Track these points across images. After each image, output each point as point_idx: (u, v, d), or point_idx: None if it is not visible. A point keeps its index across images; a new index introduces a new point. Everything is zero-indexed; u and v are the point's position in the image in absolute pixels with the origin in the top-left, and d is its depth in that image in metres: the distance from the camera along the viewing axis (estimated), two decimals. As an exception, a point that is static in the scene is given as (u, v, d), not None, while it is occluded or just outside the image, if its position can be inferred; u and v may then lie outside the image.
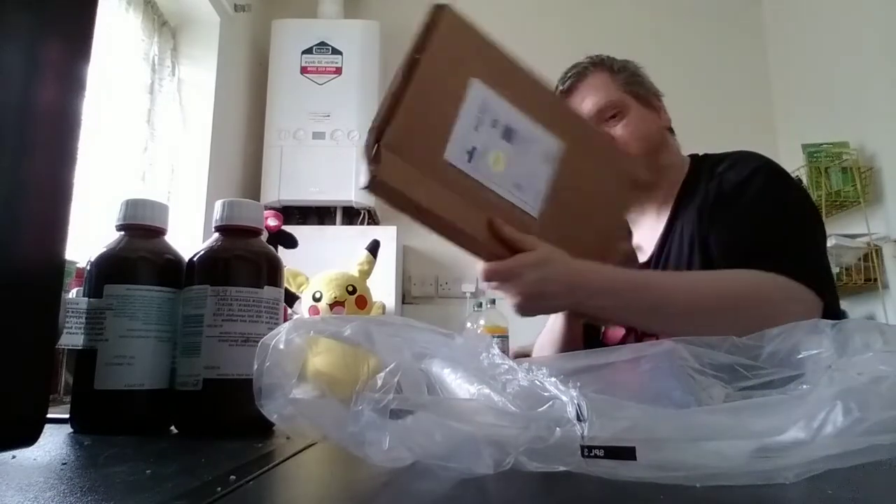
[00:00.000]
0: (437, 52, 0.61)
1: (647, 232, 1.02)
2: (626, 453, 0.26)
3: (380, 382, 0.30)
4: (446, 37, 0.62)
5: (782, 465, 0.26)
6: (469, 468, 0.27)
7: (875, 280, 2.12)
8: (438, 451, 0.28)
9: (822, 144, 2.26)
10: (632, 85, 1.00)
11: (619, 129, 0.96)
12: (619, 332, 0.96)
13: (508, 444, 0.27)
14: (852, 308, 2.18)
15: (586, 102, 0.98)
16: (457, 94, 0.63)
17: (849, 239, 2.14)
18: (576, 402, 0.28)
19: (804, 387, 0.33)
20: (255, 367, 0.32)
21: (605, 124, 0.97)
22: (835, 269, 2.15)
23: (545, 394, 0.31)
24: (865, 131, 2.26)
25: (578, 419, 0.27)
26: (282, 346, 0.32)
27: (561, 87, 1.01)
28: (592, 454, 0.26)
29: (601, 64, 1.02)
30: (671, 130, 1.04)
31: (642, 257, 1.00)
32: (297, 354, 0.33)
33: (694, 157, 1.03)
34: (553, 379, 0.32)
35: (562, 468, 0.27)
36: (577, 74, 1.01)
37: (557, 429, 0.26)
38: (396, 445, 0.29)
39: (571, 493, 0.28)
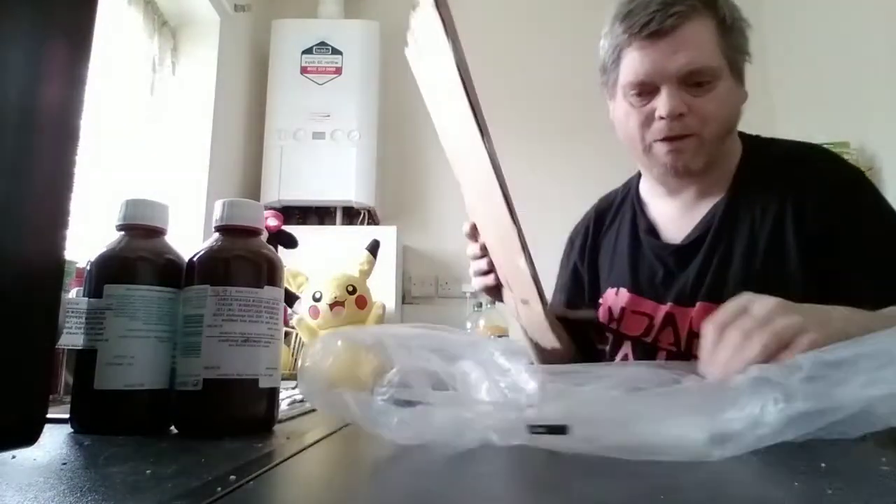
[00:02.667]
0: None
1: (675, 211, 0.91)
2: (560, 430, 0.33)
3: (389, 380, 0.41)
4: None
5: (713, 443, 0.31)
6: (454, 444, 0.35)
7: (875, 280, 2.12)
8: (432, 431, 0.36)
9: (821, 144, 2.25)
10: (736, 50, 0.82)
11: (703, 102, 0.80)
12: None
13: (481, 425, 0.35)
14: (852, 308, 2.18)
15: (679, 57, 0.78)
16: None
17: (849, 239, 2.14)
18: (530, 392, 0.38)
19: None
20: (300, 365, 0.45)
21: (685, 90, 0.80)
22: (835, 269, 2.15)
23: (524, 386, 0.40)
24: (865, 131, 2.26)
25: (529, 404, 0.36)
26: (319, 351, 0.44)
27: (653, 26, 0.78)
28: (536, 431, 0.34)
29: (713, 6, 0.80)
30: None
31: (667, 237, 0.90)
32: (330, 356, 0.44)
33: (743, 136, 0.90)
34: (525, 375, 0.42)
35: (517, 442, 0.35)
36: (683, 14, 0.78)
37: (513, 413, 0.35)
38: (402, 427, 0.37)
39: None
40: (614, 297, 0.92)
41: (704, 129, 0.81)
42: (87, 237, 0.75)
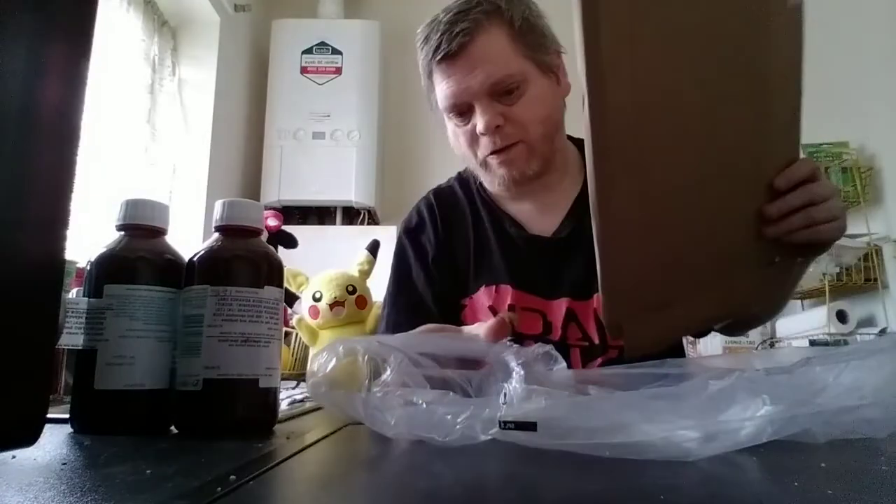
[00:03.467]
0: None
1: (532, 210, 0.90)
2: (529, 426, 0.34)
3: (384, 380, 0.44)
4: None
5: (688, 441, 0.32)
6: (438, 437, 0.37)
7: (875, 280, 2.12)
8: (423, 426, 0.38)
9: (821, 144, 2.26)
10: (536, 50, 0.81)
11: (517, 109, 0.80)
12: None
13: (462, 419, 0.37)
14: (852, 308, 2.18)
15: (477, 74, 0.77)
16: None
17: (849, 239, 2.14)
18: (505, 391, 0.40)
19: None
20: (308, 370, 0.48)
21: (499, 101, 0.79)
22: (835, 269, 2.15)
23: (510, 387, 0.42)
24: (865, 131, 2.26)
25: (504, 402, 0.38)
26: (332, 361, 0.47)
27: (443, 49, 0.77)
28: (507, 427, 0.35)
29: (498, 14, 0.79)
30: None
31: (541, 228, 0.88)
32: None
33: (571, 138, 0.91)
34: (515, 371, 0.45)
35: (488, 436, 0.36)
36: (467, 31, 0.77)
37: (486, 409, 0.37)
38: (397, 423, 0.39)
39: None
40: (493, 295, 0.87)
41: (528, 134, 0.81)
42: (87, 237, 0.75)
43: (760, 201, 0.59)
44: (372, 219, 2.56)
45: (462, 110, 0.83)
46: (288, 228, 1.67)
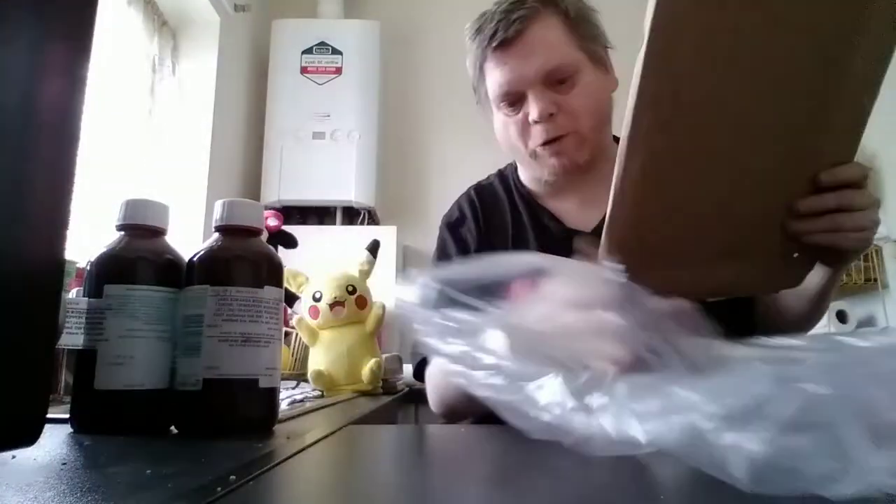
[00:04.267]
0: None
1: (573, 206, 0.90)
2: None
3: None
4: None
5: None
6: None
7: (875, 280, 2.12)
8: None
9: (822, 144, 2.26)
10: (589, 41, 0.82)
11: (570, 98, 0.80)
12: None
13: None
14: (852, 308, 2.18)
15: (532, 61, 0.79)
16: None
17: (849, 239, 2.14)
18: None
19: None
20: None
21: (551, 90, 0.80)
22: (835, 269, 2.15)
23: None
24: (866, 131, 2.26)
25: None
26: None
27: (500, 36, 0.79)
28: None
29: (553, 4, 0.81)
30: None
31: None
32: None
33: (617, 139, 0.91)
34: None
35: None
36: (523, 19, 0.78)
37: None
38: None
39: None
40: (528, 288, 0.89)
41: (579, 125, 0.81)
42: (88, 237, 0.75)
43: (796, 194, 0.57)
44: (372, 219, 2.56)
45: (514, 99, 0.83)
46: (288, 228, 1.67)
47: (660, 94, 0.48)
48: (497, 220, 0.95)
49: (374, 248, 1.39)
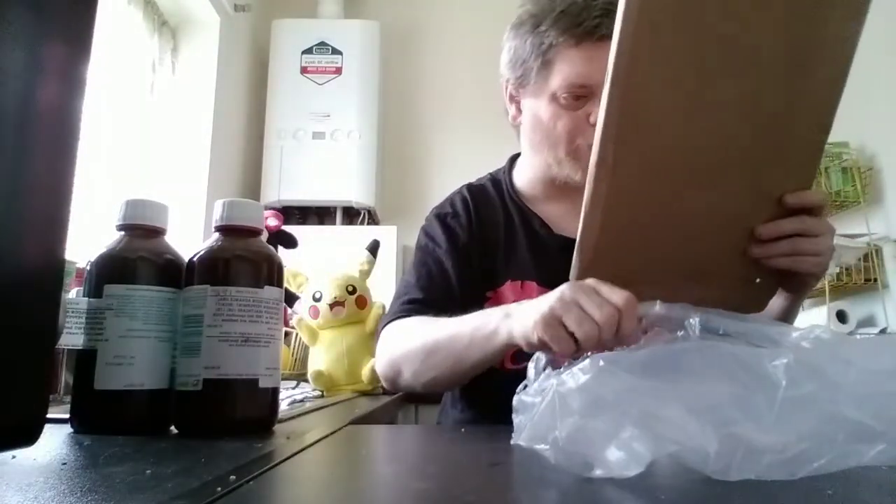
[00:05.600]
0: None
1: (562, 211, 0.91)
2: None
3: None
4: None
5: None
6: None
7: (875, 280, 2.12)
8: None
9: (822, 144, 2.25)
10: None
11: None
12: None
13: None
14: (852, 308, 2.18)
15: None
16: None
17: (849, 239, 2.14)
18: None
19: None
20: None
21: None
22: (835, 269, 2.15)
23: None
24: (865, 131, 2.26)
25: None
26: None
27: (602, 30, 0.77)
28: None
29: None
30: None
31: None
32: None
33: None
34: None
35: None
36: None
37: None
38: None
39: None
40: (519, 291, 0.88)
41: None
42: (87, 237, 0.75)
43: (758, 220, 0.60)
44: (372, 219, 2.56)
45: (583, 94, 0.82)
46: (288, 228, 1.67)
47: (624, 121, 0.50)
48: (489, 221, 0.94)
49: (374, 248, 1.39)
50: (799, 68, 0.53)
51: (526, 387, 0.46)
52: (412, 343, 0.79)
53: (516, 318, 0.63)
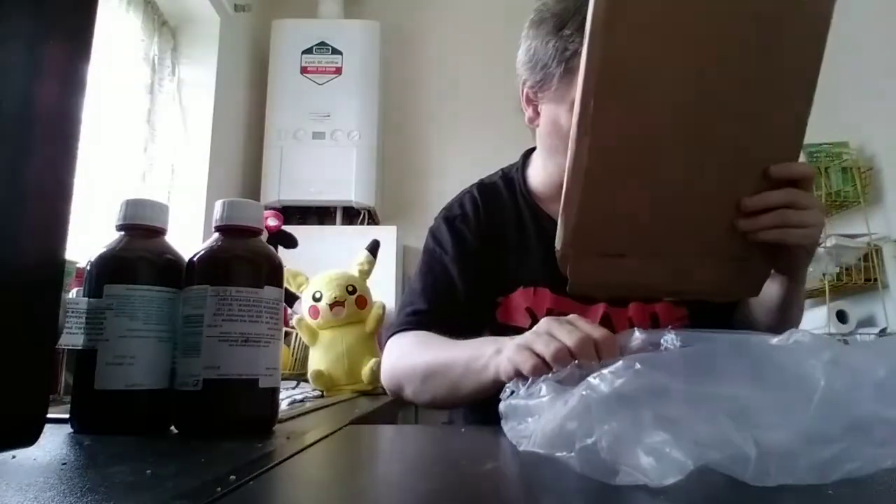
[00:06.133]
0: None
1: None
2: None
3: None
4: None
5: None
6: None
7: (875, 280, 2.12)
8: None
9: (822, 144, 2.26)
10: None
11: None
12: None
13: None
14: (852, 308, 2.18)
15: None
16: None
17: (849, 239, 2.14)
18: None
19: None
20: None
21: None
22: (835, 269, 2.15)
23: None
24: (865, 131, 2.26)
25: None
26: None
27: None
28: None
29: None
30: None
31: None
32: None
33: None
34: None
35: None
36: None
37: None
38: None
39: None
40: (531, 297, 0.86)
41: None
42: (87, 237, 0.75)
43: (745, 194, 0.59)
44: (372, 219, 2.56)
45: None
46: (288, 228, 1.67)
47: (604, 75, 0.49)
48: (499, 220, 0.92)
49: (374, 248, 1.39)
50: (776, 36, 0.53)
51: (513, 392, 0.46)
52: (411, 363, 0.79)
53: (504, 354, 0.62)
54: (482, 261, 0.89)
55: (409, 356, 0.80)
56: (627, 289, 0.67)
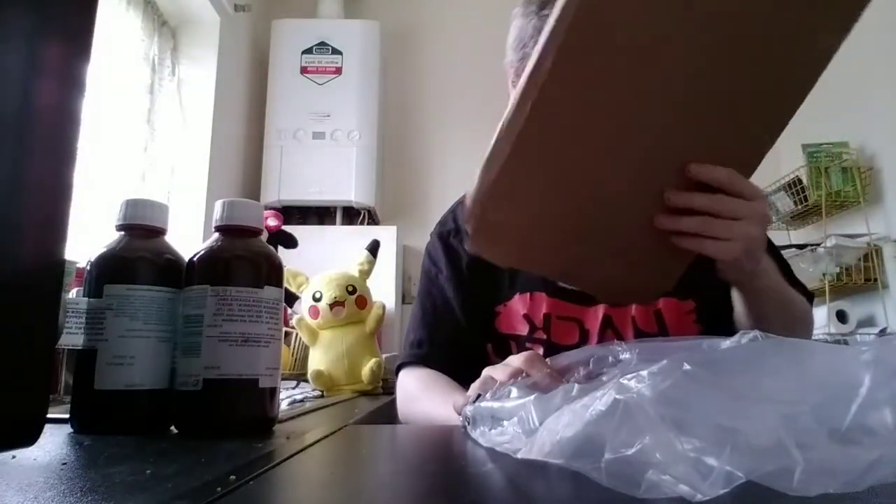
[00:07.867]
0: None
1: None
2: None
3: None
4: None
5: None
6: None
7: (875, 280, 2.12)
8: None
9: (822, 144, 2.26)
10: None
11: None
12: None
13: None
14: (852, 308, 2.18)
15: None
16: None
17: (849, 239, 2.14)
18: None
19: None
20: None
21: None
22: (835, 269, 2.15)
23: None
24: (865, 131, 2.26)
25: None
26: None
27: None
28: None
29: None
30: None
31: None
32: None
33: None
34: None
35: None
36: None
37: None
38: None
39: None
40: (528, 303, 0.85)
41: None
42: (87, 237, 0.75)
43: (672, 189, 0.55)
44: (372, 219, 2.56)
45: None
46: (288, 228, 1.67)
47: (574, 27, 0.46)
48: None
49: (374, 248, 1.39)
50: (767, 62, 0.51)
51: (480, 396, 0.47)
52: (413, 409, 0.81)
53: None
54: (478, 273, 0.88)
55: (410, 401, 0.83)
56: (531, 266, 0.65)
